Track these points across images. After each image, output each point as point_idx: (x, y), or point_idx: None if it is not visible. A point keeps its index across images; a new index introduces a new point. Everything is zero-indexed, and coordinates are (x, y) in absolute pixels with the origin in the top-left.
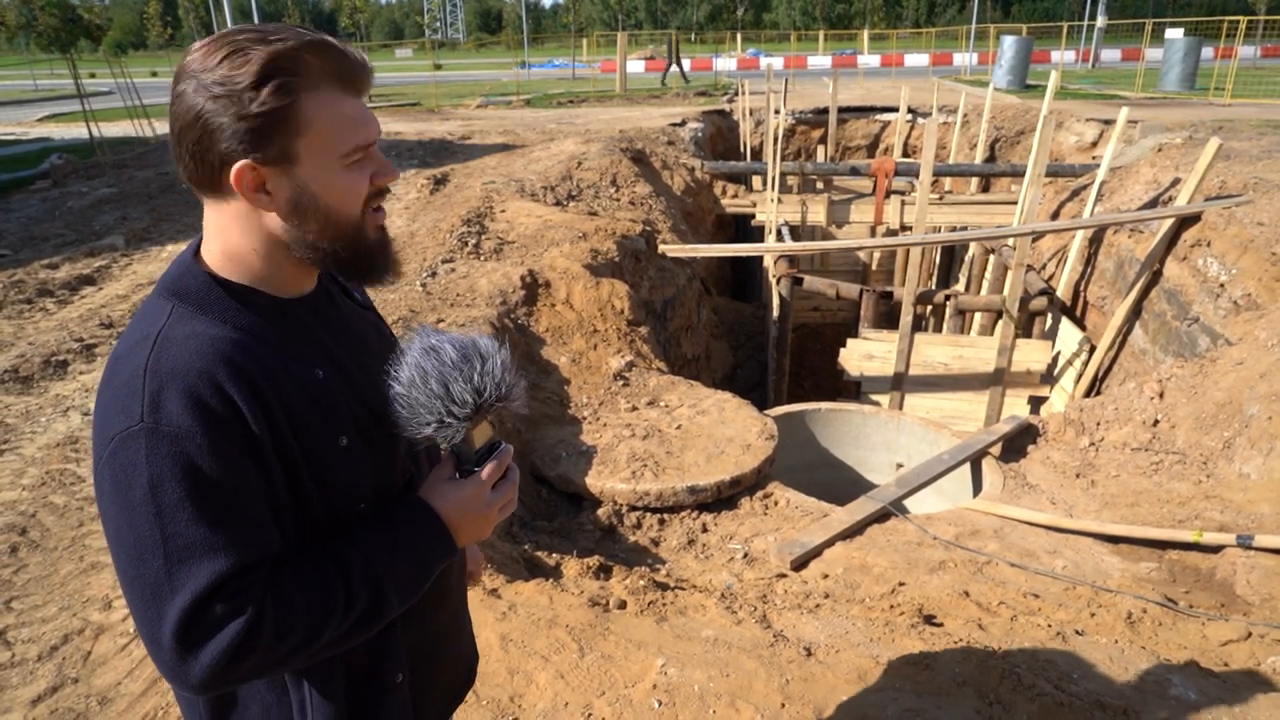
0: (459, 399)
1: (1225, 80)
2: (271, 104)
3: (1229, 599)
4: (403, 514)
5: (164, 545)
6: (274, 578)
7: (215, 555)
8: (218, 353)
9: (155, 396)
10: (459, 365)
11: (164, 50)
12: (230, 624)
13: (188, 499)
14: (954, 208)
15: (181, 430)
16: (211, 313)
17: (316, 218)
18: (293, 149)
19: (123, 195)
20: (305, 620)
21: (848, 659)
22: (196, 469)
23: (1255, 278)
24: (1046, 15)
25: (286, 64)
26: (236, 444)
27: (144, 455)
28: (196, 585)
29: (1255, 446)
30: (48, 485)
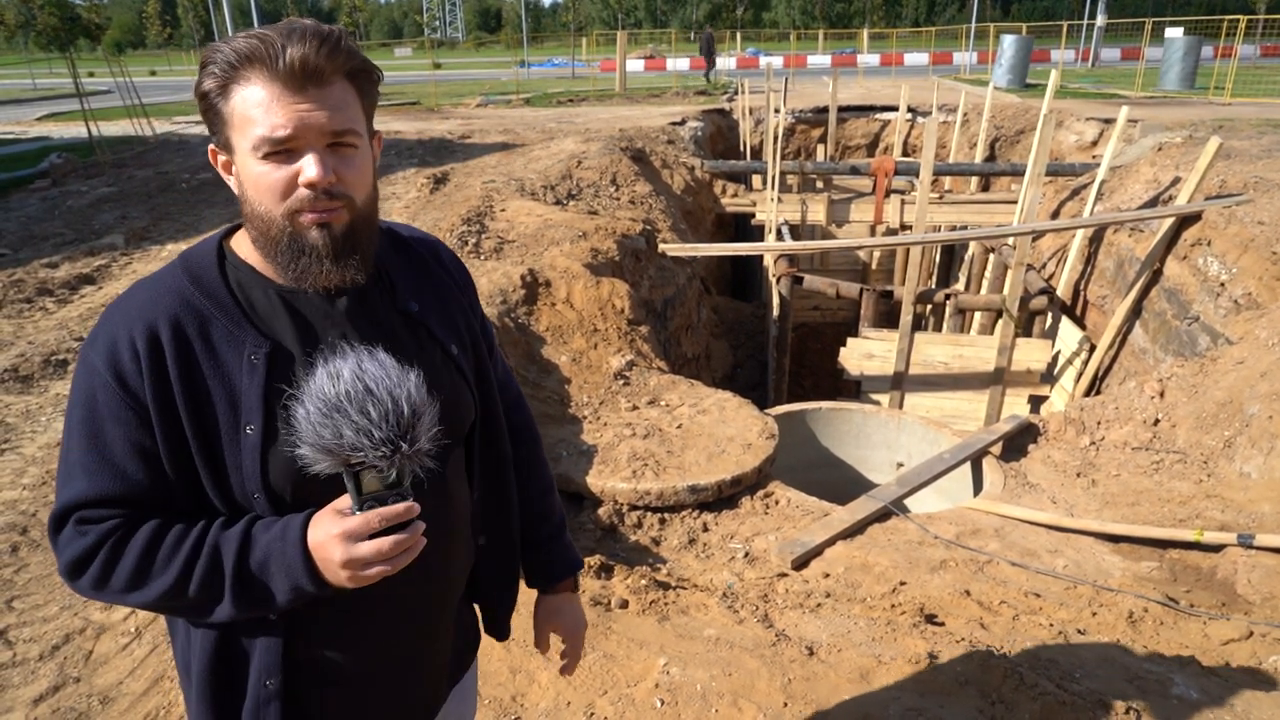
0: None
1: (1225, 79)
2: (201, 89)
3: (1230, 598)
4: (280, 525)
5: (66, 454)
6: (127, 522)
7: (84, 477)
8: (163, 313)
9: (96, 331)
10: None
11: (163, 49)
12: (72, 543)
13: (82, 422)
14: (954, 207)
15: (95, 367)
16: (189, 274)
17: (246, 205)
18: (230, 138)
19: (122, 194)
20: (131, 568)
21: (850, 658)
22: (95, 401)
23: (1256, 277)
24: (1046, 14)
25: (219, 55)
26: (127, 396)
27: (78, 376)
28: (65, 497)
29: (1256, 446)
30: (48, 485)
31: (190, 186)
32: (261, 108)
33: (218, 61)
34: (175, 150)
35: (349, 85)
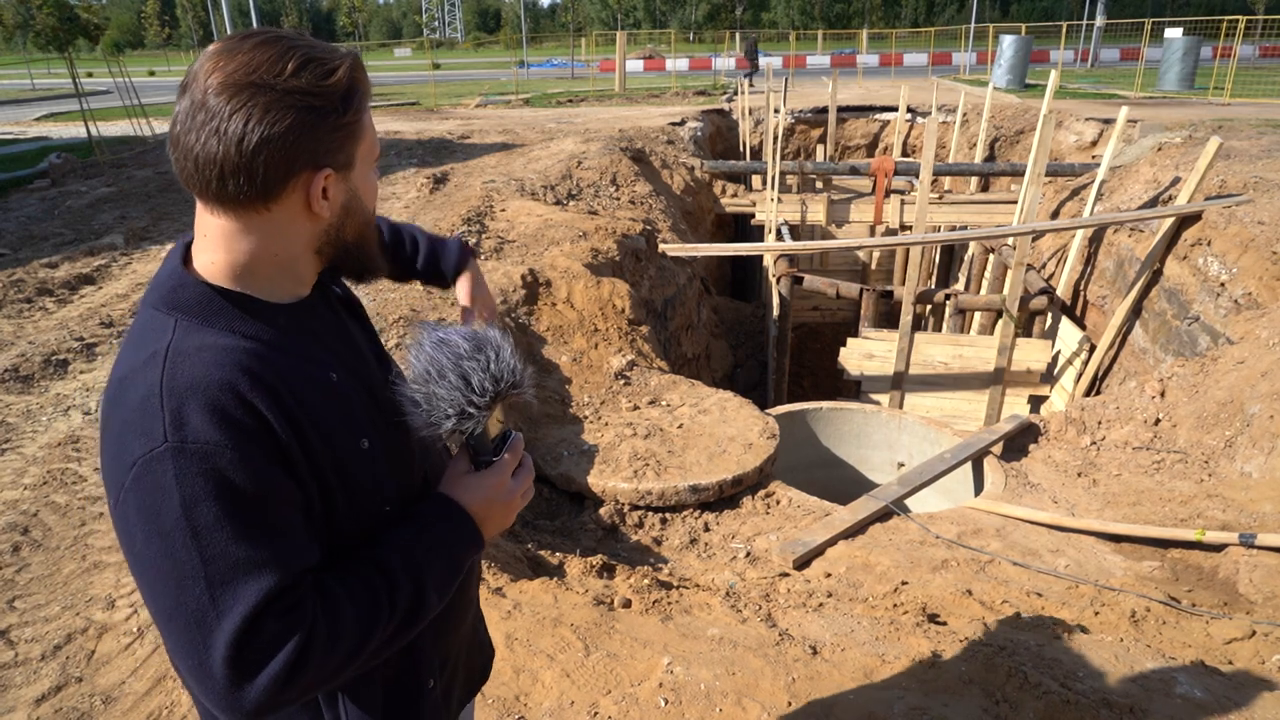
0: (479, 389)
1: (1224, 80)
2: (355, 117)
3: (1232, 598)
4: (430, 512)
5: (205, 569)
6: (318, 589)
7: (261, 573)
8: (235, 362)
9: (177, 414)
10: (474, 355)
11: (162, 50)
12: (283, 644)
13: (225, 517)
14: (954, 207)
15: (210, 446)
16: (217, 323)
17: (356, 218)
18: (354, 156)
19: (122, 194)
20: (354, 628)
21: (853, 657)
22: (230, 484)
23: (1256, 277)
24: (1045, 14)
25: (359, 77)
26: (266, 454)
27: (173, 476)
28: (245, 607)
29: (1257, 445)
30: (49, 484)
31: None
32: (372, 126)
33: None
34: None
35: None
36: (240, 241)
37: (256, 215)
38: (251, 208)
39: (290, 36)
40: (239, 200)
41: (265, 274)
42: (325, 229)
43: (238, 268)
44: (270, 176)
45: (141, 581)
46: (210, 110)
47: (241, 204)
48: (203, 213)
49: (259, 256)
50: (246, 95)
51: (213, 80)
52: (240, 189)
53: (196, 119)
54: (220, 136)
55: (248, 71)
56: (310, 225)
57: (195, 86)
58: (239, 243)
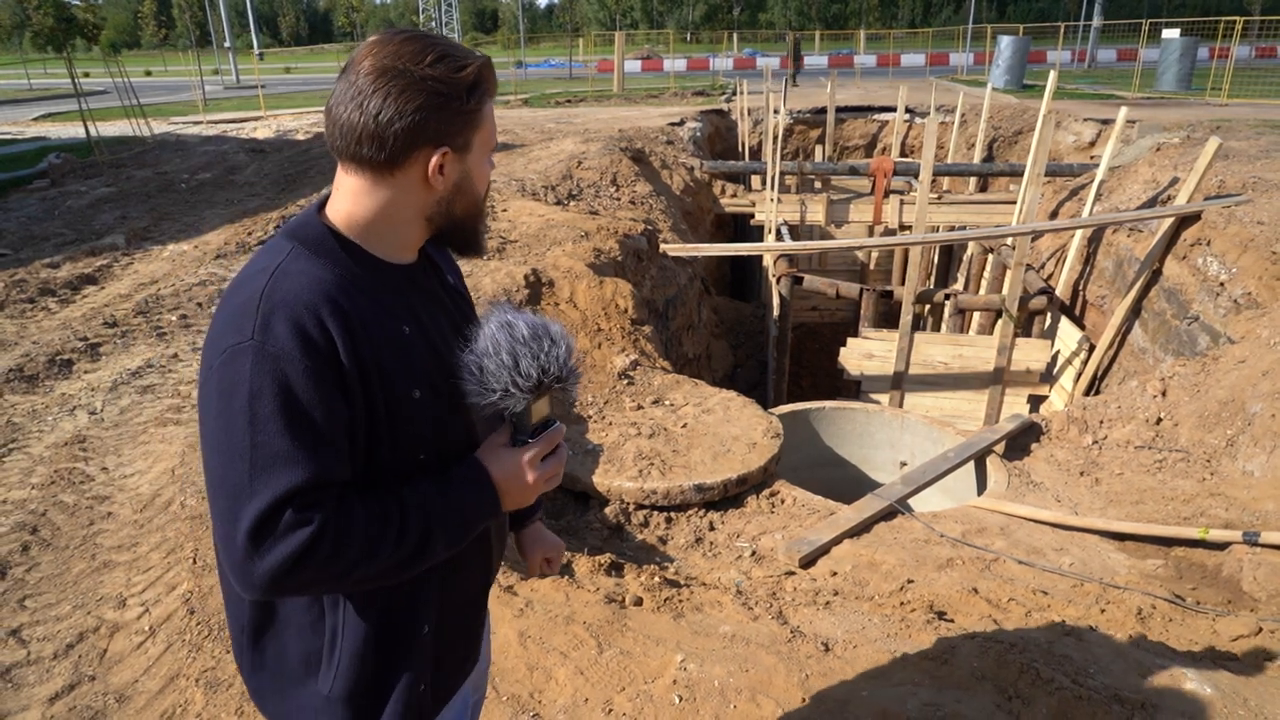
0: (525, 372)
1: (1222, 80)
2: (476, 107)
3: (1236, 595)
4: (459, 470)
5: (252, 451)
6: (341, 500)
7: (293, 467)
8: (324, 291)
9: (266, 319)
10: (529, 342)
11: (158, 50)
12: (296, 532)
13: (279, 412)
14: (952, 207)
15: (284, 351)
16: (324, 257)
17: (467, 196)
18: (472, 141)
19: (122, 194)
20: (361, 542)
21: (866, 654)
22: (290, 388)
23: (1255, 276)
24: (1042, 15)
25: (486, 75)
26: (328, 373)
27: (249, 368)
28: (273, 492)
29: (1259, 444)
30: (57, 484)
31: (190, 187)
32: (492, 119)
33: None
34: (173, 150)
35: None
36: (365, 198)
37: (382, 179)
38: (379, 171)
39: (434, 37)
40: (370, 163)
41: (378, 230)
42: (438, 200)
43: (356, 219)
44: (397, 146)
45: (205, 449)
46: (358, 88)
47: (372, 167)
48: (340, 172)
49: (377, 213)
50: (389, 78)
51: (365, 64)
52: (372, 153)
53: (348, 94)
54: (362, 110)
55: (395, 59)
56: (425, 194)
57: (352, 69)
58: (363, 199)
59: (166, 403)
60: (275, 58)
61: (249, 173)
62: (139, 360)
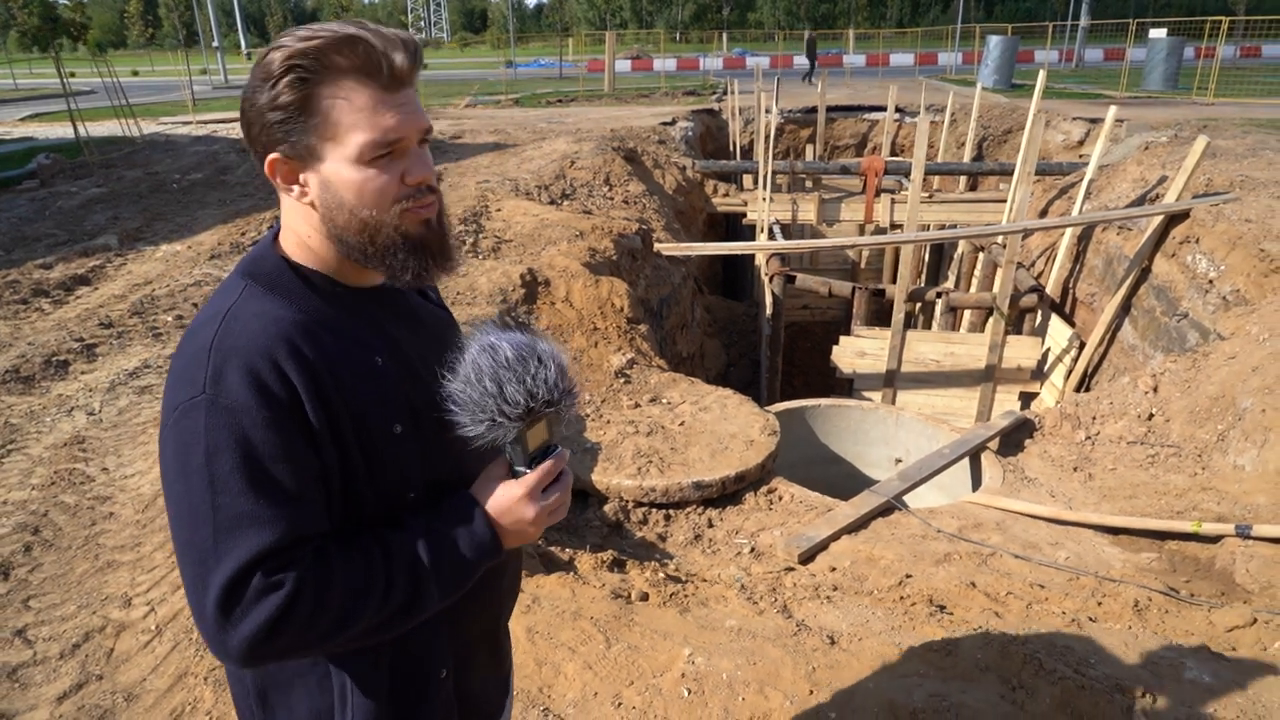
0: (511, 399)
1: (1208, 80)
2: (286, 97)
3: (1229, 587)
4: (451, 509)
5: (214, 514)
6: (318, 557)
7: (260, 528)
8: (280, 332)
9: (219, 370)
10: (514, 366)
11: (145, 49)
12: (268, 597)
13: (239, 470)
14: (943, 206)
15: (239, 404)
16: (280, 293)
17: (343, 213)
18: (317, 146)
19: (113, 195)
20: (342, 601)
21: (871, 646)
22: (250, 442)
23: (1244, 274)
24: (1029, 15)
25: (304, 59)
26: (290, 422)
27: (203, 425)
28: (240, 556)
29: (1249, 439)
30: (57, 485)
31: (181, 187)
32: (366, 112)
33: (306, 66)
34: (163, 151)
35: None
36: (290, 218)
37: (283, 194)
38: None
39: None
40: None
41: (322, 254)
42: (321, 217)
43: (300, 244)
44: (254, 152)
45: (168, 511)
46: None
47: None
48: None
49: (305, 236)
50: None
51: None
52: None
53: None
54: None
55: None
56: (306, 208)
57: None
58: (290, 219)
59: None
60: None
61: (240, 172)
62: (136, 361)
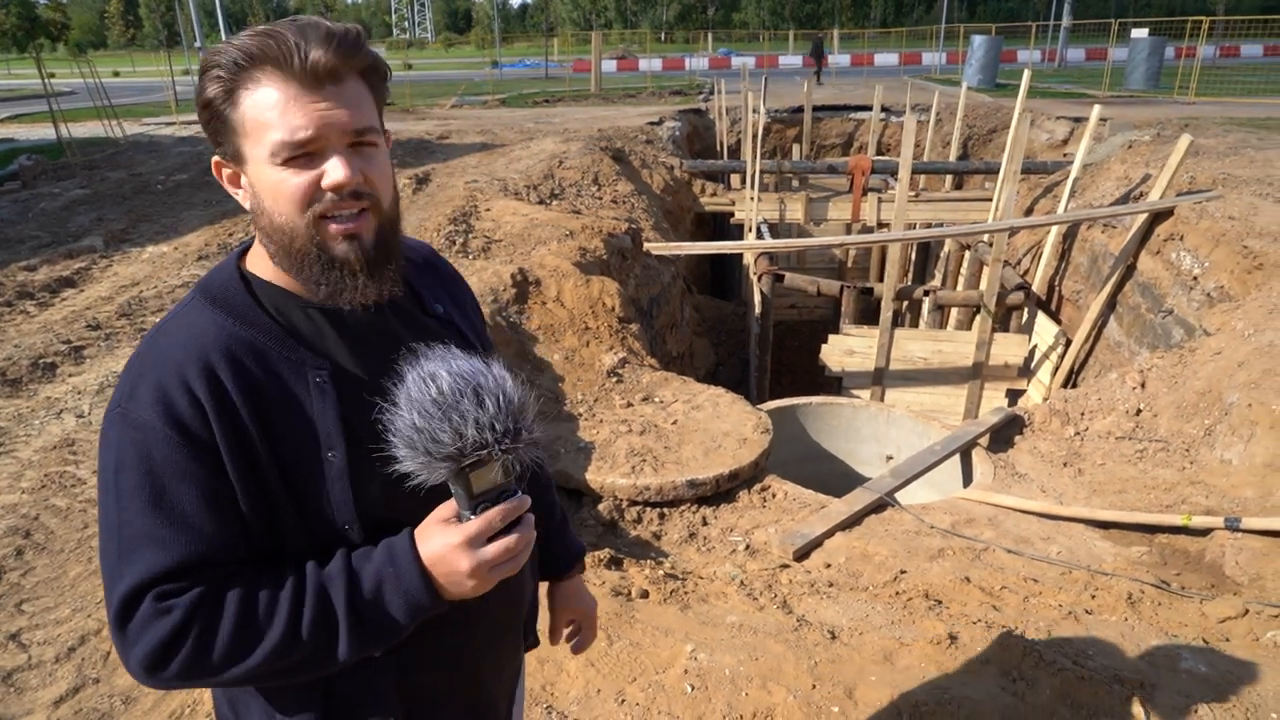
0: (438, 439)
1: (1189, 79)
2: (208, 95)
3: (1219, 579)
4: (383, 551)
5: (119, 530)
6: (217, 585)
7: (155, 549)
8: (198, 350)
9: (134, 385)
10: (445, 402)
11: (126, 50)
12: (155, 622)
13: (140, 488)
14: (929, 205)
15: (145, 421)
16: (221, 307)
17: (263, 217)
18: (240, 146)
19: (97, 196)
20: (234, 636)
21: (871, 640)
22: (152, 461)
23: (1227, 270)
24: (1011, 15)
25: (223, 58)
26: (194, 444)
27: (115, 439)
28: (136, 575)
29: (1236, 433)
30: (48, 488)
31: (166, 188)
32: (277, 110)
33: (223, 65)
34: (147, 152)
35: (362, 82)
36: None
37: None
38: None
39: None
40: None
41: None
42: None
43: (262, 256)
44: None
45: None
46: None
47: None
48: None
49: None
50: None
51: None
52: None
53: None
54: None
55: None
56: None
57: None
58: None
59: None
60: None
61: None
62: (124, 363)
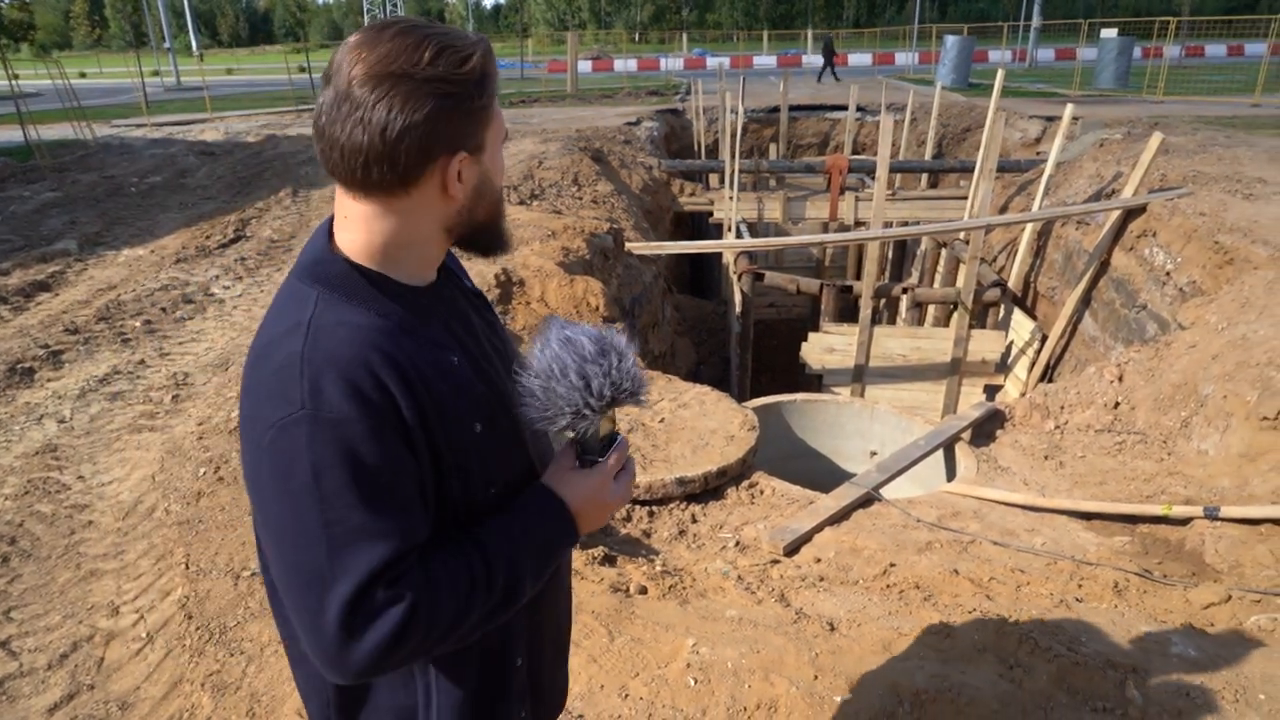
0: (597, 392)
1: (1157, 79)
2: (488, 101)
3: (1199, 567)
4: (532, 502)
5: (326, 532)
6: (424, 563)
7: (376, 541)
8: (369, 340)
9: (315, 383)
10: (597, 359)
11: (91, 51)
12: (390, 610)
13: (349, 485)
14: (906, 203)
15: (341, 417)
16: (356, 300)
17: (488, 198)
18: (484, 139)
19: (68, 199)
20: (454, 604)
21: (870, 631)
22: (356, 455)
23: (1199, 265)
24: (981, 16)
25: (490, 63)
26: (392, 430)
27: (305, 442)
28: (359, 572)
29: (1212, 424)
30: (31, 494)
31: (140, 191)
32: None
33: (492, 73)
34: (119, 154)
35: None
36: (379, 223)
37: (395, 200)
38: (391, 193)
39: (425, 26)
40: (381, 186)
41: (399, 255)
42: (458, 210)
43: (375, 248)
44: (410, 163)
45: (267, 537)
46: (355, 101)
47: (383, 189)
48: (344, 197)
49: (395, 238)
50: (388, 85)
51: (356, 71)
52: (383, 176)
53: (341, 110)
54: (365, 126)
55: (388, 62)
56: (444, 207)
57: (339, 78)
58: (378, 224)
59: (138, 409)
60: (215, 59)
61: (201, 175)
62: (105, 367)
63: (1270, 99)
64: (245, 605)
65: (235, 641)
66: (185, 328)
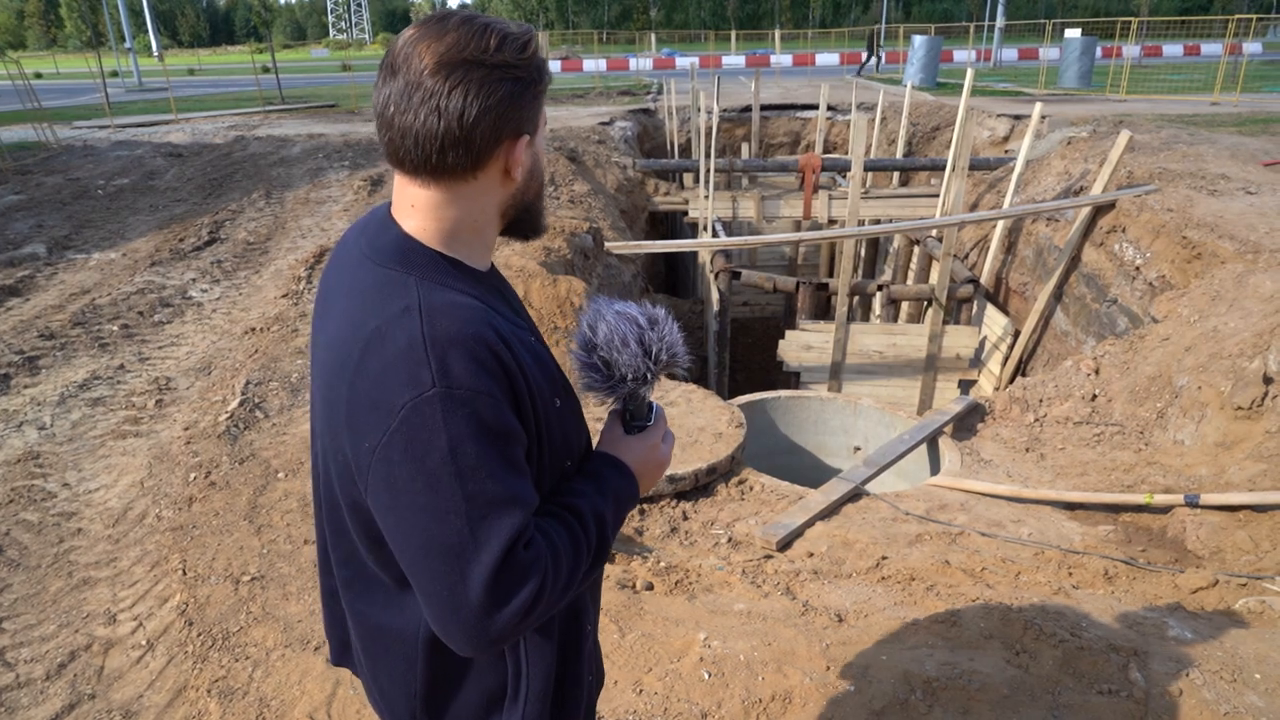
0: (655, 359)
1: (1120, 77)
2: (545, 86)
3: (1182, 554)
4: (603, 468)
5: (466, 504)
6: (540, 529)
7: (512, 509)
8: (481, 318)
9: (442, 361)
10: (650, 328)
11: (47, 51)
12: (531, 569)
13: (484, 457)
14: (878, 201)
15: (472, 391)
16: (451, 283)
17: (537, 178)
18: (538, 121)
19: (33, 202)
20: (569, 562)
21: (878, 622)
22: (488, 427)
23: (1168, 260)
24: (945, 16)
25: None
26: (511, 402)
27: (440, 419)
28: (502, 539)
29: (1187, 414)
30: (16, 503)
31: (108, 193)
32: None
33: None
34: (82, 156)
35: None
36: (448, 210)
37: (463, 184)
38: (461, 177)
39: (480, 16)
40: (454, 171)
41: (470, 240)
42: (515, 192)
43: (446, 234)
44: (484, 146)
45: (396, 518)
46: (428, 89)
47: (455, 174)
48: (409, 185)
49: (464, 223)
50: (461, 72)
51: (426, 61)
52: (458, 159)
53: (414, 98)
54: (441, 112)
55: (458, 50)
56: (504, 189)
57: (409, 68)
58: (447, 211)
59: (121, 415)
60: (176, 58)
61: (170, 178)
62: (83, 373)
63: (1227, 97)
64: (247, 610)
65: (240, 646)
66: (164, 331)
